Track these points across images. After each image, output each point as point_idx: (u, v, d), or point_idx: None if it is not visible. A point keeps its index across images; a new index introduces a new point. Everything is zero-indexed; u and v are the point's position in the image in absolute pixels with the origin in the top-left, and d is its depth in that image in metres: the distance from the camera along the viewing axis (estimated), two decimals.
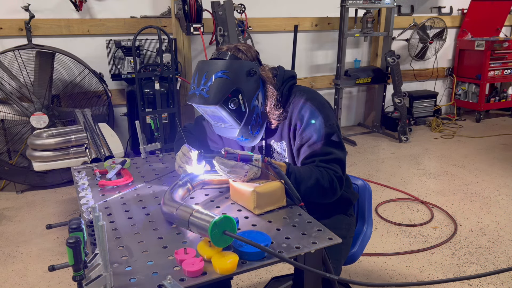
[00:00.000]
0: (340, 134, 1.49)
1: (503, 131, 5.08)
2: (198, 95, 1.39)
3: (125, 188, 1.49)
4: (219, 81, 1.37)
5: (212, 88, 1.37)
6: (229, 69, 1.39)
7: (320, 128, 1.44)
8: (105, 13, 3.89)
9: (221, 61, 1.41)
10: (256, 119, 1.47)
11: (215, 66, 1.39)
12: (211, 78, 1.37)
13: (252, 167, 1.31)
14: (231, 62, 1.41)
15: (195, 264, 0.98)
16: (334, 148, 1.44)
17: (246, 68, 1.42)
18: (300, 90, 1.54)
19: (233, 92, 1.38)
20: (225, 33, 3.72)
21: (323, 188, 1.39)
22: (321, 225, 1.20)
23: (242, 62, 1.43)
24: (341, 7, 4.39)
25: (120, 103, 4.07)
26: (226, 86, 1.38)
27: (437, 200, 3.24)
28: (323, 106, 1.49)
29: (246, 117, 1.44)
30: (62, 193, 3.44)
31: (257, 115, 1.47)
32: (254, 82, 1.44)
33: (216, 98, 1.36)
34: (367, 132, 5.13)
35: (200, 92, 1.38)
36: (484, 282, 2.24)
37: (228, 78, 1.38)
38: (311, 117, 1.46)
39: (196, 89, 1.40)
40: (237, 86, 1.39)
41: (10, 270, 2.41)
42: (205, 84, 1.38)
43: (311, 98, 1.50)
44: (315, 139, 1.44)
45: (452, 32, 5.61)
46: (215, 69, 1.39)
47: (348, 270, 2.36)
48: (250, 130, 1.48)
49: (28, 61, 3.43)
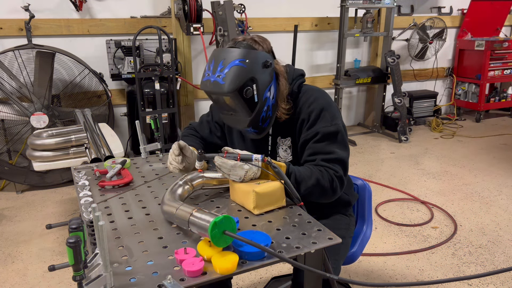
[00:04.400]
0: (346, 135, 1.51)
1: (503, 131, 5.08)
2: (213, 82, 1.39)
3: (125, 188, 1.49)
4: (235, 69, 1.37)
5: (229, 76, 1.36)
6: (246, 57, 1.39)
7: (325, 126, 1.46)
8: (105, 13, 3.89)
9: (238, 49, 1.42)
10: (267, 111, 1.48)
11: (232, 54, 1.40)
12: (228, 65, 1.37)
13: (252, 167, 1.31)
14: (248, 51, 1.42)
15: (195, 264, 0.98)
16: (337, 148, 1.45)
17: (262, 59, 1.43)
18: (309, 88, 1.56)
19: (248, 81, 1.39)
20: (225, 33, 3.72)
21: (323, 188, 1.39)
22: (321, 225, 1.20)
23: (259, 53, 1.44)
24: (341, 7, 4.39)
25: (120, 103, 4.07)
26: (242, 74, 1.38)
27: (437, 200, 3.24)
28: (330, 105, 1.50)
29: (258, 108, 1.44)
30: (62, 193, 3.44)
31: (267, 107, 1.48)
32: (268, 73, 1.45)
33: (232, 85, 1.36)
34: (367, 132, 5.13)
35: (215, 79, 1.38)
36: (484, 282, 2.24)
37: (245, 66, 1.38)
38: (318, 114, 1.47)
39: (211, 75, 1.40)
40: (252, 75, 1.40)
41: (10, 270, 2.41)
42: (221, 71, 1.37)
43: (320, 97, 1.51)
44: (320, 137, 1.46)
45: (452, 32, 5.61)
46: (232, 57, 1.39)
47: (348, 270, 2.36)
48: (260, 121, 1.48)
49: (28, 61, 3.43)
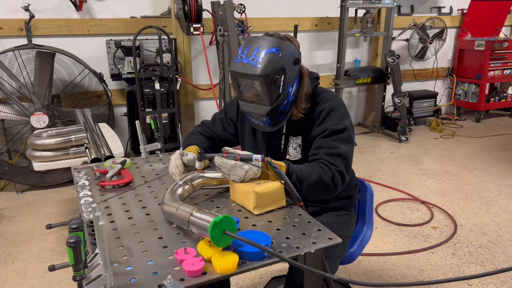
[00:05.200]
0: (352, 135, 1.54)
1: (503, 131, 5.08)
2: (246, 64, 1.43)
3: (125, 188, 1.49)
4: (271, 56, 1.42)
5: (264, 60, 1.41)
6: (282, 47, 1.44)
7: (334, 124, 1.50)
8: (105, 13, 3.89)
9: (276, 39, 1.46)
10: (285, 106, 1.51)
11: (270, 42, 1.44)
12: (265, 51, 1.42)
13: (252, 167, 1.31)
14: (285, 43, 1.47)
15: (195, 264, 0.98)
16: (341, 144, 1.48)
17: (294, 55, 1.48)
18: (323, 90, 1.62)
19: (279, 71, 1.43)
20: (225, 33, 3.72)
21: (325, 183, 1.40)
22: (321, 225, 1.20)
23: (293, 47, 1.49)
24: (341, 7, 4.39)
25: (120, 103, 4.07)
26: (277, 62, 1.42)
27: (437, 200, 3.24)
28: (341, 106, 1.56)
29: (279, 99, 1.47)
30: (62, 193, 3.44)
31: (287, 102, 1.51)
32: (296, 70, 1.50)
33: (265, 70, 1.40)
34: (367, 132, 5.13)
35: (249, 61, 1.42)
36: (484, 282, 2.24)
37: (280, 55, 1.43)
38: (328, 113, 1.52)
39: (244, 58, 1.44)
40: (284, 66, 1.44)
41: (10, 270, 2.41)
42: (256, 55, 1.42)
43: (332, 98, 1.57)
44: (327, 133, 1.50)
45: (452, 32, 5.61)
46: (269, 44, 1.43)
47: (348, 270, 2.36)
48: (277, 114, 1.51)
49: (28, 61, 3.43)
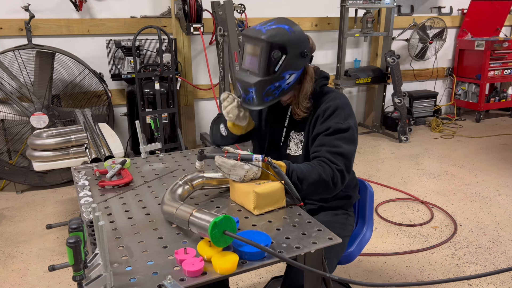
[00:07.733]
0: (356, 135, 1.54)
1: (503, 131, 5.08)
2: (257, 29, 1.48)
3: (125, 188, 1.49)
4: (281, 30, 1.45)
5: (273, 30, 1.45)
6: (295, 32, 1.47)
7: (338, 123, 1.50)
8: (105, 13, 3.89)
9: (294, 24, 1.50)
10: (276, 89, 1.50)
11: (286, 20, 1.49)
12: (278, 25, 1.47)
13: (252, 167, 1.31)
14: (301, 32, 1.49)
15: (195, 264, 0.98)
16: (344, 143, 1.48)
17: (304, 47, 1.48)
18: (330, 90, 1.62)
19: (282, 48, 1.44)
20: (225, 33, 3.72)
21: (325, 182, 1.40)
22: (321, 225, 1.20)
23: (306, 40, 1.50)
24: (341, 7, 4.39)
25: (120, 103, 4.07)
26: (284, 37, 1.44)
27: (437, 200, 3.24)
28: (347, 106, 1.56)
29: (272, 77, 1.47)
30: (62, 193, 3.44)
31: (279, 86, 1.50)
32: (299, 62, 1.50)
33: (270, 38, 1.43)
34: (367, 132, 5.13)
35: (260, 27, 1.47)
36: (484, 282, 2.24)
37: (289, 34, 1.45)
38: (333, 111, 1.52)
39: (258, 26, 1.49)
40: (288, 48, 1.45)
41: (10, 270, 2.41)
42: (269, 26, 1.47)
43: (338, 97, 1.57)
44: (331, 131, 1.50)
45: (452, 32, 5.61)
46: (285, 22, 1.49)
47: (348, 270, 2.36)
48: (264, 91, 1.50)
49: (28, 61, 3.43)
